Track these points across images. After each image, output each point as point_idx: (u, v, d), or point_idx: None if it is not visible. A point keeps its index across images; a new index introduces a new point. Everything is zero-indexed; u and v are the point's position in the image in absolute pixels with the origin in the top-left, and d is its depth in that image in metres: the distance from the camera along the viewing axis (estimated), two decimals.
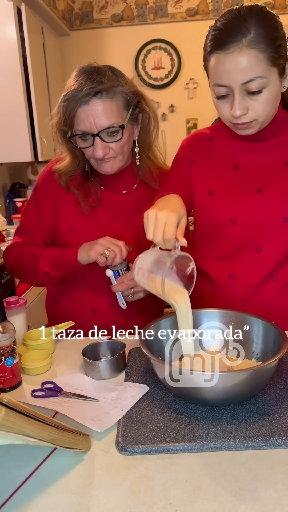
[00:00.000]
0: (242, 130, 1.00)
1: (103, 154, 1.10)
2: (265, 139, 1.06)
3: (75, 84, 1.06)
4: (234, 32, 0.90)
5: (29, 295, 1.99)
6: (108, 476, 0.67)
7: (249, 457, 0.69)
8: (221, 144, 1.12)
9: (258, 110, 0.95)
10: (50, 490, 0.65)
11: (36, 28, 2.77)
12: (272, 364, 0.78)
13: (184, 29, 3.48)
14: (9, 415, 0.57)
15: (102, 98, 1.05)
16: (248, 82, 0.91)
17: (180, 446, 0.71)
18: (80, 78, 1.06)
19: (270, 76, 0.92)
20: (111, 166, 1.15)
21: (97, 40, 3.54)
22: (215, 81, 0.95)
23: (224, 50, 0.91)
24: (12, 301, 1.09)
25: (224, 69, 0.92)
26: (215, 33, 0.93)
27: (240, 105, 0.94)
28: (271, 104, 0.96)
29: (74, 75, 1.09)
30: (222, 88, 0.95)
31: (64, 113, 1.08)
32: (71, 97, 1.06)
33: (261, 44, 0.89)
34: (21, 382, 0.95)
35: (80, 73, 1.08)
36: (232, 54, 0.90)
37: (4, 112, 2.50)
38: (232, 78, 0.92)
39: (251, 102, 0.94)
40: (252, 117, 0.96)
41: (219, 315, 0.98)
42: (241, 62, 0.90)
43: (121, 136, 1.10)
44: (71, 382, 0.92)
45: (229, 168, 1.10)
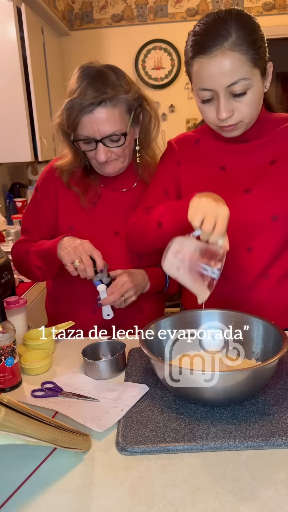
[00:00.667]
0: (228, 132, 1.01)
1: (106, 158, 1.12)
2: (250, 139, 1.07)
3: (78, 91, 1.06)
4: (215, 36, 0.90)
5: (29, 295, 1.98)
6: (108, 476, 0.67)
7: (249, 457, 0.69)
8: (206, 146, 1.13)
9: (243, 111, 0.96)
10: (50, 490, 0.65)
11: (36, 28, 2.77)
12: (272, 364, 0.78)
13: (184, 29, 3.44)
14: (9, 415, 0.57)
15: (105, 107, 1.06)
16: (232, 84, 0.92)
17: (180, 446, 0.71)
18: (84, 84, 1.06)
19: (253, 77, 0.93)
20: (113, 168, 1.17)
21: (97, 40, 3.53)
22: (199, 86, 0.96)
23: (206, 54, 0.91)
24: (12, 301, 1.09)
25: (208, 73, 0.93)
26: (196, 38, 0.94)
27: (226, 107, 0.95)
28: (256, 105, 0.97)
29: (77, 77, 1.09)
30: (207, 92, 0.95)
31: (68, 119, 1.09)
32: (74, 105, 1.07)
33: (242, 46, 0.90)
34: (21, 382, 0.95)
35: (83, 77, 1.08)
36: (215, 58, 0.91)
37: (4, 112, 2.49)
38: (216, 82, 0.93)
39: (236, 104, 0.95)
40: (238, 119, 0.97)
41: (219, 315, 0.98)
42: (225, 65, 0.90)
43: (123, 142, 1.11)
44: (71, 382, 0.92)
45: (215, 170, 1.10)
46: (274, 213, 1.04)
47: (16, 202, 3.01)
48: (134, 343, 1.05)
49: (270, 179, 1.06)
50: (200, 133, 1.15)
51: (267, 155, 1.07)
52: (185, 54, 0.98)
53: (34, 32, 2.67)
